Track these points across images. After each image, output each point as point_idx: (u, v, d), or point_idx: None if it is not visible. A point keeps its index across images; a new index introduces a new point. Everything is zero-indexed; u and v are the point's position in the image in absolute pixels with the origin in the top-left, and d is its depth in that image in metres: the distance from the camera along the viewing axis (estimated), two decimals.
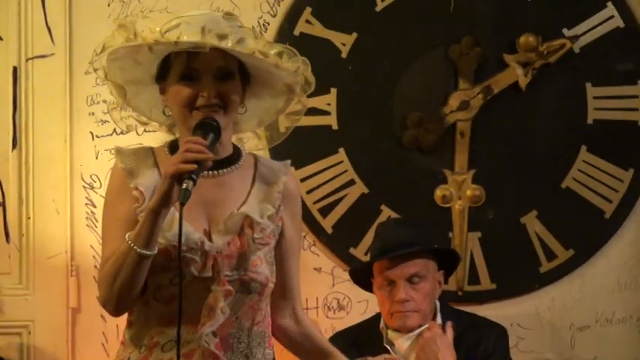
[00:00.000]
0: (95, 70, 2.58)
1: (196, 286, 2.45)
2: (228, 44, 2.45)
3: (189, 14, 2.51)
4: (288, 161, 2.65)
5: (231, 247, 2.48)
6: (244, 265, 2.48)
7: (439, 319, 3.60)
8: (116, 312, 2.52)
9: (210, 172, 2.51)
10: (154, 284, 2.48)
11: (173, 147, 2.56)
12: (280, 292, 2.63)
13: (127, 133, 2.71)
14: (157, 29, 2.48)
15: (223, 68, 2.49)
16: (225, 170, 2.54)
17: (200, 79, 2.47)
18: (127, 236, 2.41)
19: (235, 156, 2.58)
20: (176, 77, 2.49)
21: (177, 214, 2.43)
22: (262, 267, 2.51)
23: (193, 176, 2.34)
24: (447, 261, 3.69)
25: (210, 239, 2.48)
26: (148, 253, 2.39)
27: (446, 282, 3.72)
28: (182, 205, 2.33)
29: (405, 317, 3.53)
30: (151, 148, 2.61)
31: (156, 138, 2.76)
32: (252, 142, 2.70)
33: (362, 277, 3.72)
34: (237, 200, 2.53)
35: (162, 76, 2.54)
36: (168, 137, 2.68)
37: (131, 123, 2.65)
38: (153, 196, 2.43)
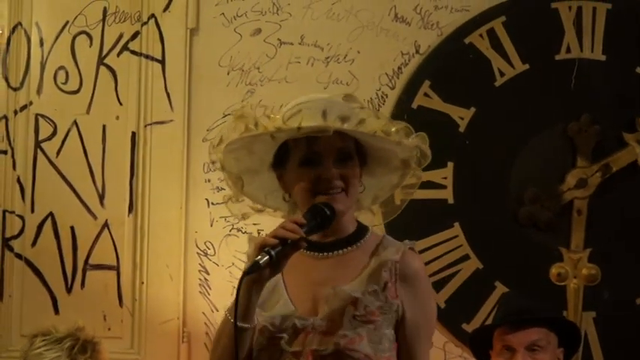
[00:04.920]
0: (212, 162, 2.59)
1: None
2: (350, 126, 2.44)
3: (307, 99, 2.50)
4: (411, 242, 2.55)
5: (327, 324, 2.45)
6: (340, 342, 2.43)
7: None
8: None
9: (325, 254, 2.51)
10: None
11: None
12: None
13: (241, 220, 2.70)
14: (278, 117, 2.46)
15: (343, 149, 2.47)
16: (341, 251, 2.52)
17: (321, 163, 2.46)
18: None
19: (357, 235, 2.55)
20: (296, 162, 2.48)
21: (283, 297, 2.46)
22: (362, 344, 2.44)
23: (272, 251, 2.32)
24: (568, 340, 3.62)
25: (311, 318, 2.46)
26: (240, 325, 2.37)
27: None
28: (245, 274, 2.32)
29: None
30: None
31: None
32: (367, 218, 2.66)
33: (481, 343, 3.66)
34: (348, 279, 2.49)
35: (279, 162, 2.53)
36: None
37: (246, 211, 2.64)
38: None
